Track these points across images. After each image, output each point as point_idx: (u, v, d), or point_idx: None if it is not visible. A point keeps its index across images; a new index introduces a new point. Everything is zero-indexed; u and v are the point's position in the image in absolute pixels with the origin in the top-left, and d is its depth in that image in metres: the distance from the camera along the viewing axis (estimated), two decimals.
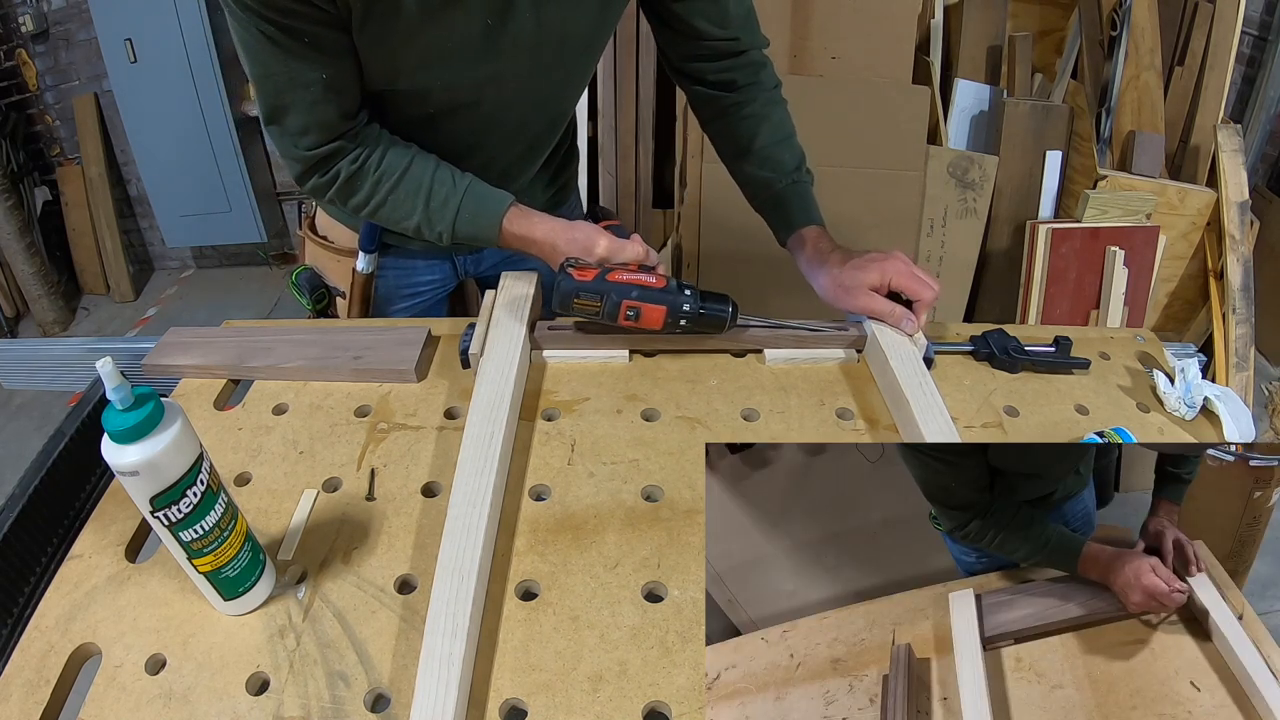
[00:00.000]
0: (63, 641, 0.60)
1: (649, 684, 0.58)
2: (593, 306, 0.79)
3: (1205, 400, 0.86)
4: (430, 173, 0.86)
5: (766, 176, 0.98)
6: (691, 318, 0.81)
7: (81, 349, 1.36)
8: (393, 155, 0.84)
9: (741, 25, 0.94)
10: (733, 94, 0.98)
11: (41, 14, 2.98)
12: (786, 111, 1.00)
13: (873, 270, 0.87)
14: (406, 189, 0.85)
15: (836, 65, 2.05)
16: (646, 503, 0.72)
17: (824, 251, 0.92)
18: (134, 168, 3.19)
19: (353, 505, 0.71)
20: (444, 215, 0.86)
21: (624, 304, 0.78)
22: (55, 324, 3.20)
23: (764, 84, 0.98)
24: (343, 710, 0.56)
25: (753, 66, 0.98)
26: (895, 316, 0.86)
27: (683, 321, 0.81)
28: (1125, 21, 2.03)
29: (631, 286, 0.79)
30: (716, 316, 0.82)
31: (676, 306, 0.80)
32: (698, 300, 0.81)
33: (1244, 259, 2.10)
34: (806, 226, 0.96)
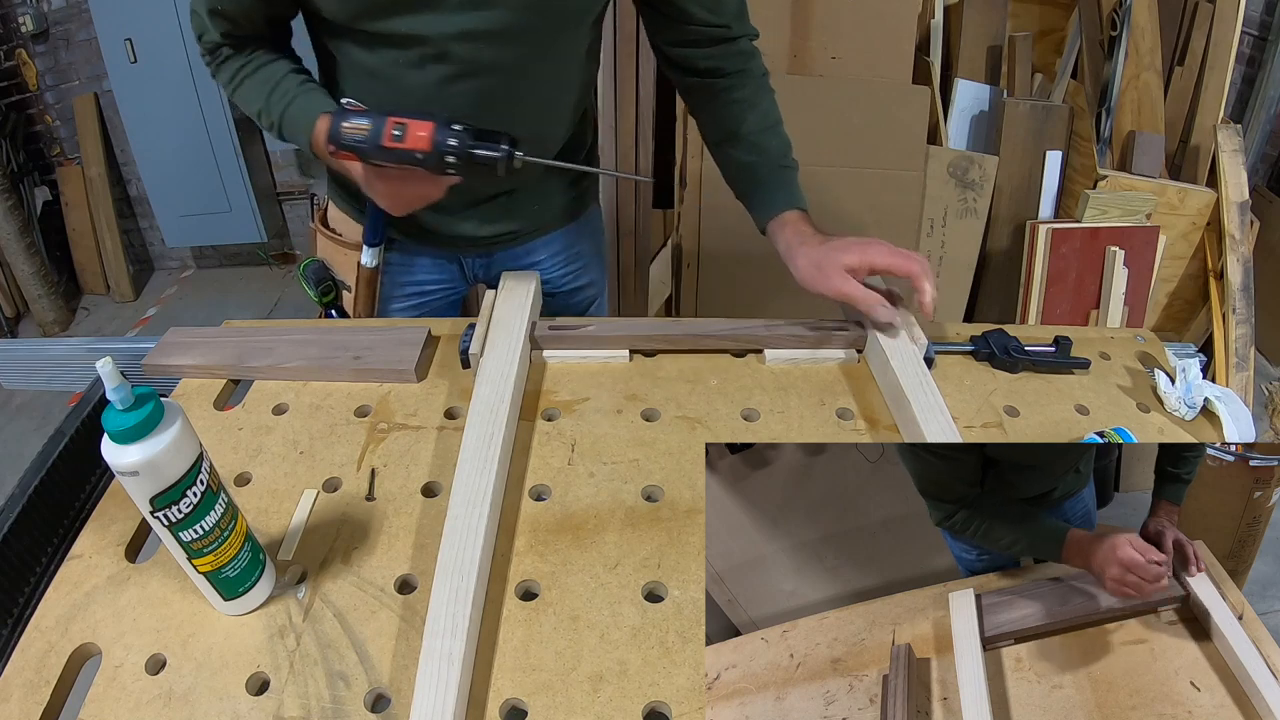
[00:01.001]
0: (63, 641, 0.60)
1: (649, 684, 0.58)
2: (360, 130, 0.75)
3: (1205, 400, 0.86)
4: (285, 71, 0.88)
5: (752, 161, 0.97)
6: (459, 153, 0.75)
7: (81, 349, 1.36)
8: (269, 55, 0.89)
9: (733, 14, 0.94)
10: (721, 80, 0.97)
11: (41, 14, 2.98)
12: (774, 101, 0.99)
13: (851, 251, 0.84)
14: (262, 77, 0.88)
15: (836, 65, 2.05)
16: (646, 503, 0.72)
17: (804, 234, 0.90)
18: (134, 168, 3.19)
19: (353, 505, 0.71)
20: (278, 107, 0.87)
21: (390, 120, 0.74)
22: (55, 324, 3.20)
23: (753, 72, 0.98)
24: (343, 710, 0.56)
25: (742, 55, 0.97)
26: (869, 301, 0.84)
27: (450, 159, 0.75)
28: (1125, 21, 2.03)
29: (396, 112, 0.76)
30: (487, 153, 0.75)
31: (443, 139, 0.74)
32: (470, 135, 0.75)
33: (1244, 259, 2.10)
34: (789, 210, 0.94)
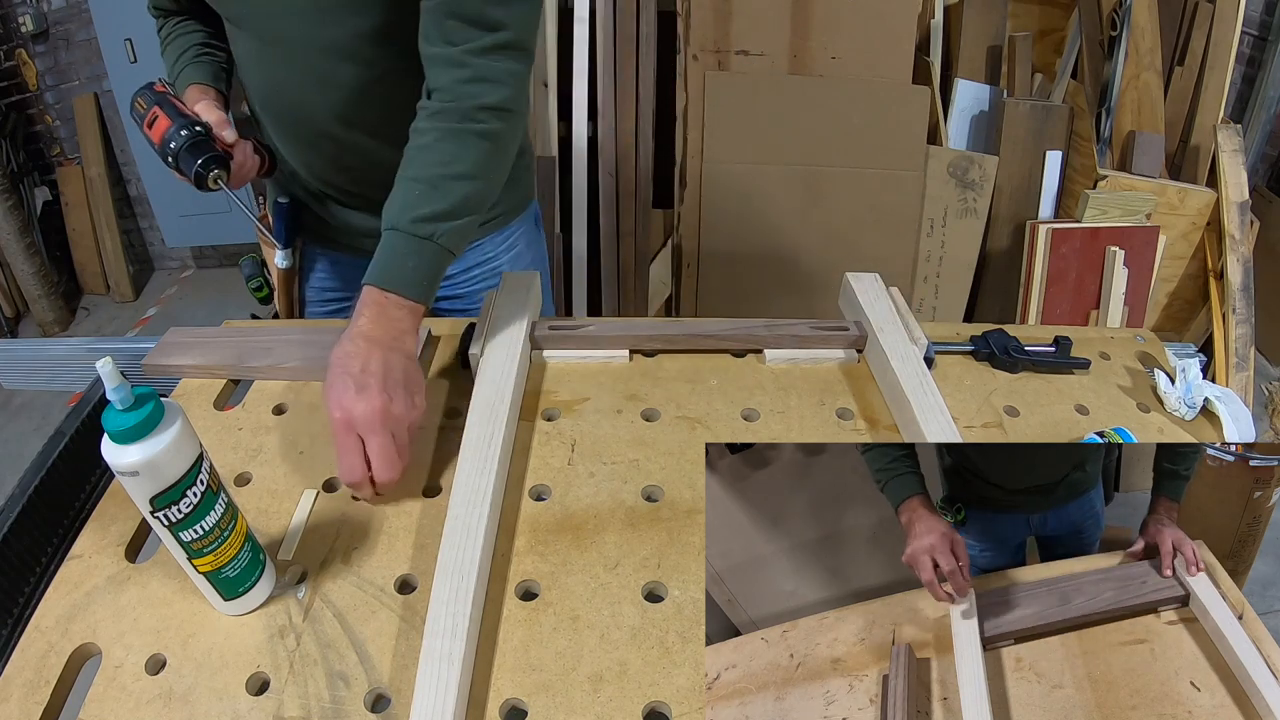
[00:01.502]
0: (63, 641, 0.60)
1: (649, 684, 0.58)
2: (141, 106, 0.89)
3: (1205, 400, 0.86)
4: (192, 43, 0.96)
5: None
6: (175, 157, 0.87)
7: (81, 349, 1.36)
8: (191, 26, 0.98)
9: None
10: None
11: (41, 14, 2.98)
12: (429, 144, 0.78)
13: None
14: (174, 46, 0.98)
15: (836, 65, 2.05)
16: (646, 503, 0.72)
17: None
18: (134, 168, 3.19)
19: (353, 505, 0.71)
20: (173, 75, 0.96)
21: (155, 107, 0.88)
22: (55, 324, 3.20)
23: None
24: (343, 710, 0.56)
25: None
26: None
27: (169, 159, 0.88)
28: (1125, 21, 2.03)
29: (172, 105, 0.88)
30: (187, 169, 0.88)
31: (169, 139, 0.86)
32: (190, 144, 0.86)
33: (1244, 259, 2.10)
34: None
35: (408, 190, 0.76)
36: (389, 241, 0.75)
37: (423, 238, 0.74)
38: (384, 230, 0.75)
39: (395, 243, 0.74)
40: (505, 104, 0.77)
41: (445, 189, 0.75)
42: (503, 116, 0.78)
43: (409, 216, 0.74)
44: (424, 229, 0.74)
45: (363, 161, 0.94)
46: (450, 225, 0.76)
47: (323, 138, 0.93)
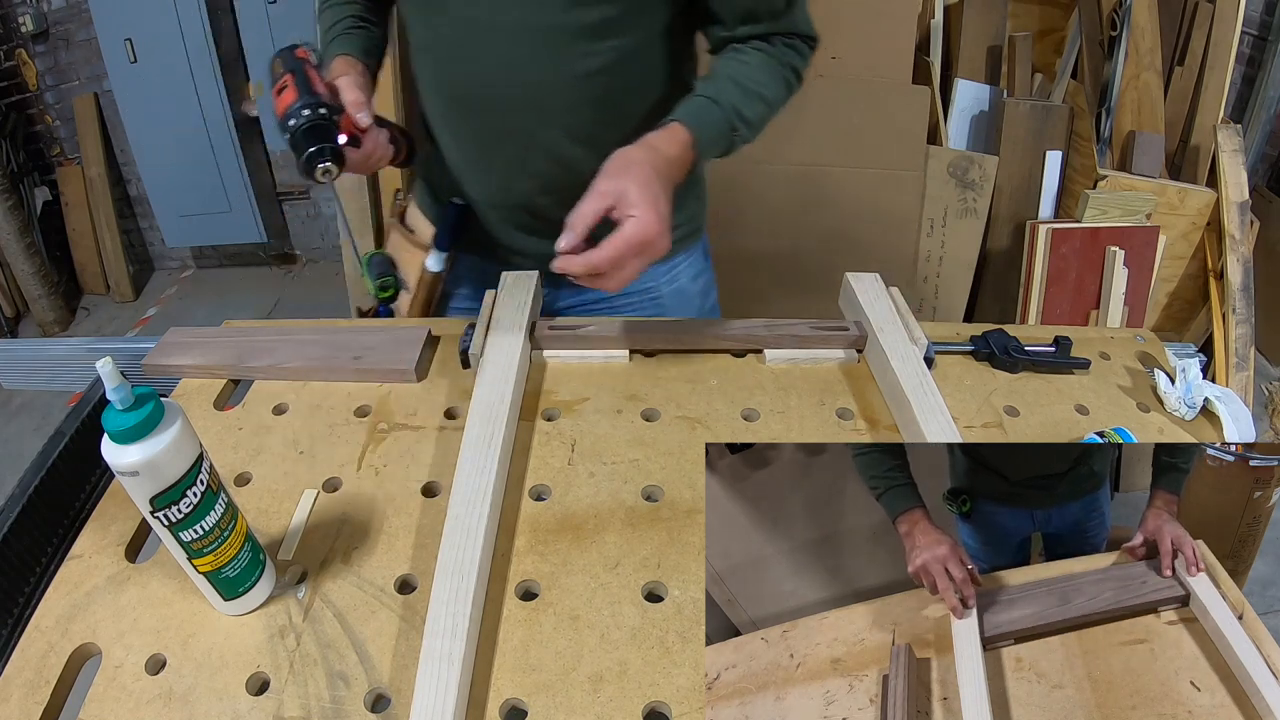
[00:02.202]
0: (63, 641, 0.60)
1: (649, 684, 0.58)
2: (276, 69, 0.81)
3: (1205, 400, 0.86)
4: (343, 15, 0.93)
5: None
6: (293, 136, 0.77)
7: (81, 349, 1.36)
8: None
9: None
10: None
11: (41, 14, 2.98)
12: (769, 72, 0.85)
13: (603, 184, 0.72)
14: (326, 18, 0.94)
15: (836, 65, 2.05)
16: (646, 503, 0.72)
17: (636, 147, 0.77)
18: (134, 168, 3.19)
19: (353, 505, 0.71)
20: (323, 47, 0.92)
21: (286, 76, 0.78)
22: (55, 324, 3.20)
23: (777, 48, 0.87)
24: (343, 710, 0.56)
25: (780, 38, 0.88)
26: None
27: (286, 136, 0.77)
28: (1125, 21, 2.03)
29: (306, 77, 0.78)
30: (301, 151, 0.77)
31: (297, 110, 0.76)
32: (310, 126, 0.76)
33: (1244, 259, 2.10)
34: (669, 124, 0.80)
35: (723, 85, 0.82)
36: (712, 116, 0.80)
37: (728, 133, 0.82)
38: (700, 96, 0.81)
39: (715, 119, 0.80)
40: (800, 76, 0.89)
41: (751, 102, 0.83)
42: (793, 89, 0.89)
43: (730, 101, 0.81)
44: (733, 118, 0.81)
45: (553, 167, 0.90)
46: (743, 134, 0.83)
47: (511, 137, 0.89)
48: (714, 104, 0.80)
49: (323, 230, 3.44)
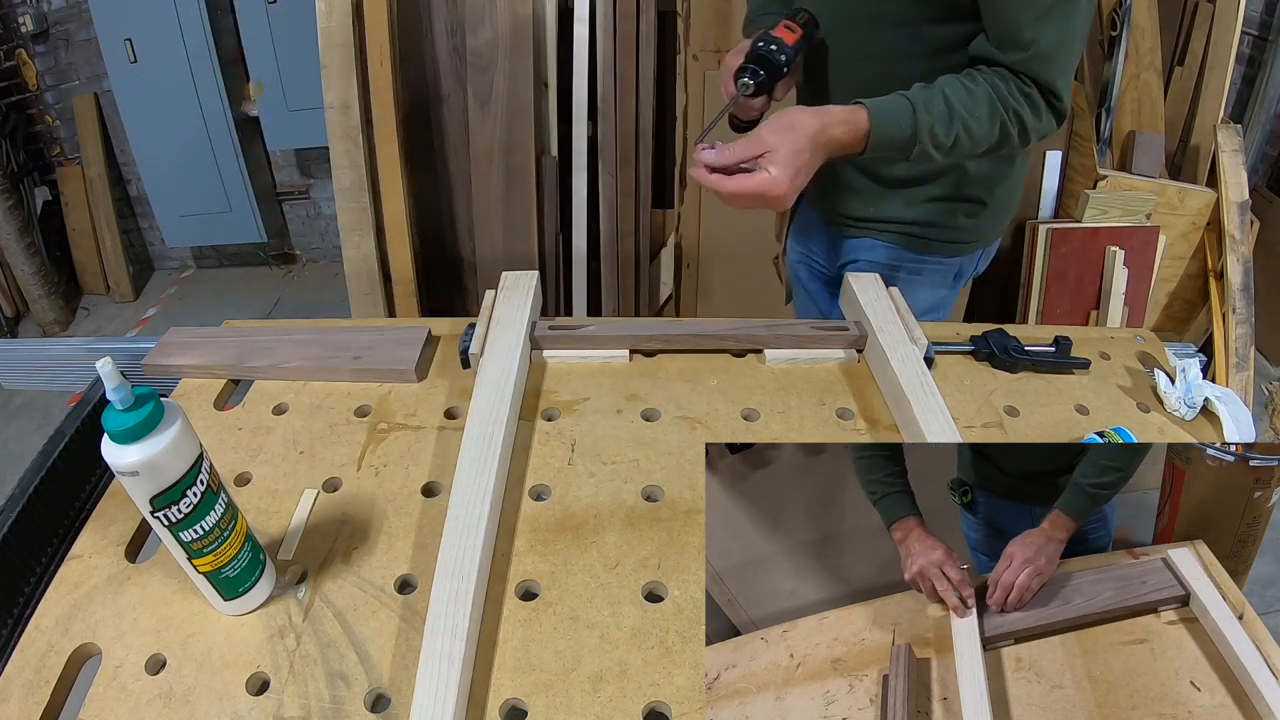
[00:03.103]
0: (63, 641, 0.60)
1: (649, 684, 0.58)
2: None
3: (1205, 400, 0.86)
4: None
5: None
6: (752, 74, 0.89)
7: (81, 349, 1.36)
8: None
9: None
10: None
11: (41, 14, 2.98)
12: (988, 106, 0.84)
13: (764, 134, 0.79)
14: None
15: None
16: (646, 503, 0.72)
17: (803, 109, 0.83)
18: (134, 168, 3.18)
19: (353, 505, 0.71)
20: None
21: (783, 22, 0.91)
22: (55, 324, 3.20)
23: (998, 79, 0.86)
24: (343, 710, 0.56)
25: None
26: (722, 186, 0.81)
27: (746, 78, 0.89)
28: (1125, 21, 2.03)
29: (784, 25, 0.92)
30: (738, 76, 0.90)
31: (763, 35, 0.90)
32: (755, 52, 0.89)
33: (1244, 259, 2.10)
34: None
35: (932, 96, 0.83)
36: (899, 113, 0.82)
37: (912, 139, 0.82)
38: (904, 96, 0.83)
39: (902, 119, 0.82)
40: (1026, 129, 0.86)
41: (952, 126, 0.83)
42: (1012, 138, 0.86)
43: (929, 115, 0.82)
44: (922, 132, 0.82)
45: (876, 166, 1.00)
46: (928, 149, 0.84)
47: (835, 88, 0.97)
48: (911, 110, 0.82)
49: (323, 230, 3.44)
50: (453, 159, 2.14)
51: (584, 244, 2.21)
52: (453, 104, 2.08)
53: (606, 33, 2.01)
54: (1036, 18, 0.80)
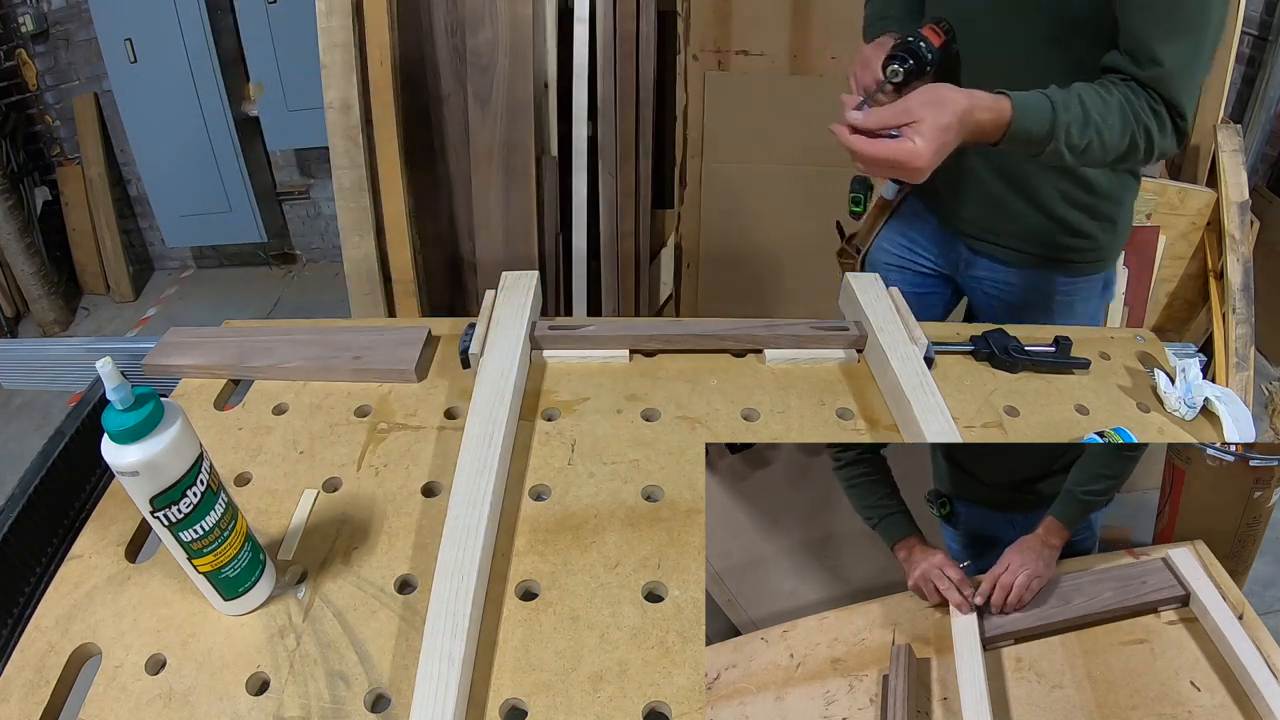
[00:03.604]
0: (63, 641, 0.60)
1: (649, 684, 0.58)
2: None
3: (1205, 400, 0.86)
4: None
5: None
6: (901, 61, 0.92)
7: (81, 349, 1.36)
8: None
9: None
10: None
11: (41, 14, 2.98)
12: (1121, 116, 0.84)
13: (913, 105, 0.80)
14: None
15: (836, 65, 2.05)
16: (646, 503, 0.72)
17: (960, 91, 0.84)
18: (134, 168, 3.18)
19: (353, 505, 0.71)
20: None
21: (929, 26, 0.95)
22: (55, 324, 3.20)
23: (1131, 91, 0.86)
24: (343, 710, 0.56)
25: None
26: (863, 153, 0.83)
27: (896, 65, 0.92)
28: None
29: (927, 30, 0.95)
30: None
31: (911, 32, 0.93)
32: (902, 44, 0.93)
33: (1244, 259, 2.10)
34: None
35: (1070, 97, 0.82)
36: (1040, 109, 0.81)
37: (1048, 135, 0.81)
38: (1044, 94, 0.82)
39: (1042, 114, 0.81)
40: (1152, 144, 0.85)
41: (1087, 129, 0.82)
42: (1139, 151, 0.85)
43: (1067, 115, 0.81)
44: (1059, 129, 0.81)
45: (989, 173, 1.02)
46: (1060, 149, 0.82)
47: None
48: (1050, 107, 0.82)
49: (323, 230, 3.44)
50: (453, 159, 2.14)
51: (584, 244, 2.21)
52: (453, 104, 2.08)
53: (606, 33, 2.01)
54: (1168, 35, 0.82)
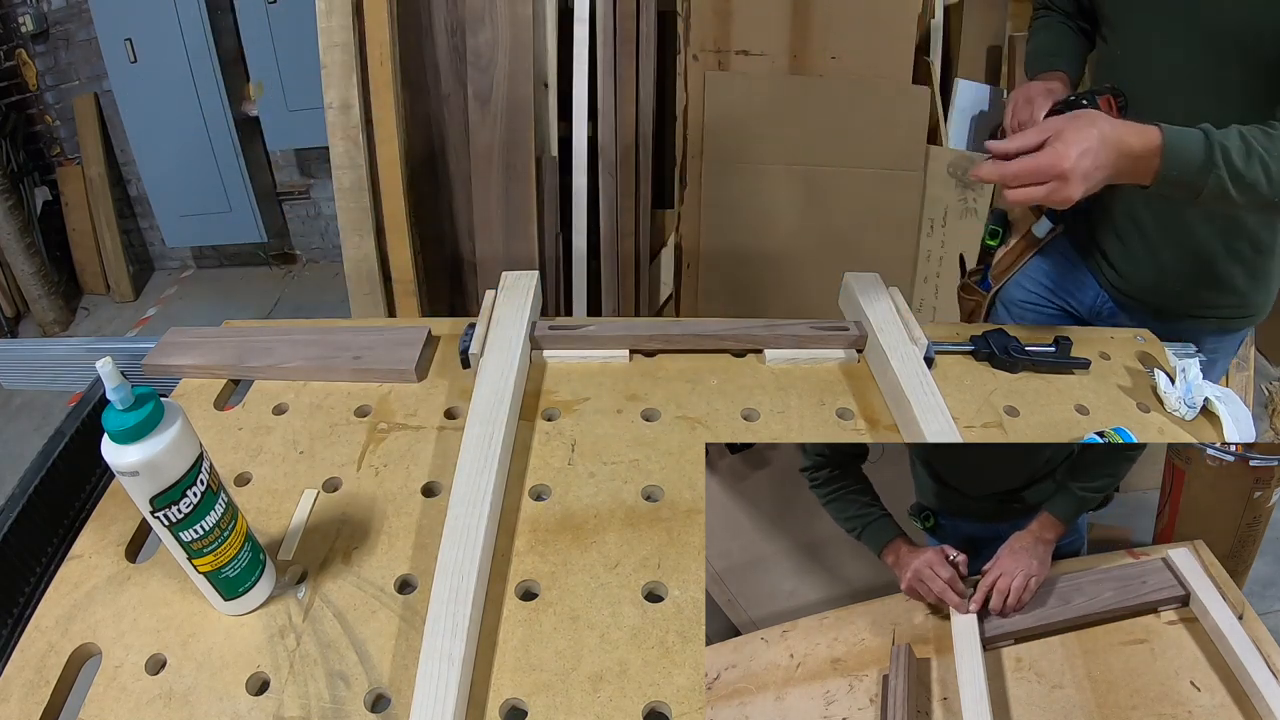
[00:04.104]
0: (63, 641, 0.60)
1: (649, 684, 0.58)
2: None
3: (1205, 400, 0.86)
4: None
5: None
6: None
7: (81, 349, 1.35)
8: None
9: None
10: None
11: (41, 14, 2.98)
12: (1276, 138, 0.79)
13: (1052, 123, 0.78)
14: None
15: (836, 65, 2.05)
16: (646, 503, 0.72)
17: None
18: (134, 168, 3.18)
19: (353, 505, 0.71)
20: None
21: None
22: (55, 324, 3.20)
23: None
24: (343, 710, 0.56)
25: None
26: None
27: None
28: None
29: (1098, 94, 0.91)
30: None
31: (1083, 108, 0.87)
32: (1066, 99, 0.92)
33: None
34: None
35: (1229, 131, 0.78)
36: (1193, 135, 0.77)
37: (1207, 162, 0.76)
38: (1195, 128, 0.78)
39: (1196, 141, 0.77)
40: None
41: (1250, 158, 0.77)
42: None
43: (1225, 142, 0.76)
44: (1216, 153, 0.76)
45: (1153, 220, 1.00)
46: (1223, 180, 0.77)
47: None
48: (1204, 135, 0.78)
49: (323, 230, 3.44)
50: (453, 159, 2.14)
51: (584, 244, 2.21)
52: (453, 104, 2.08)
53: (606, 33, 2.01)
54: None
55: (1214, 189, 0.77)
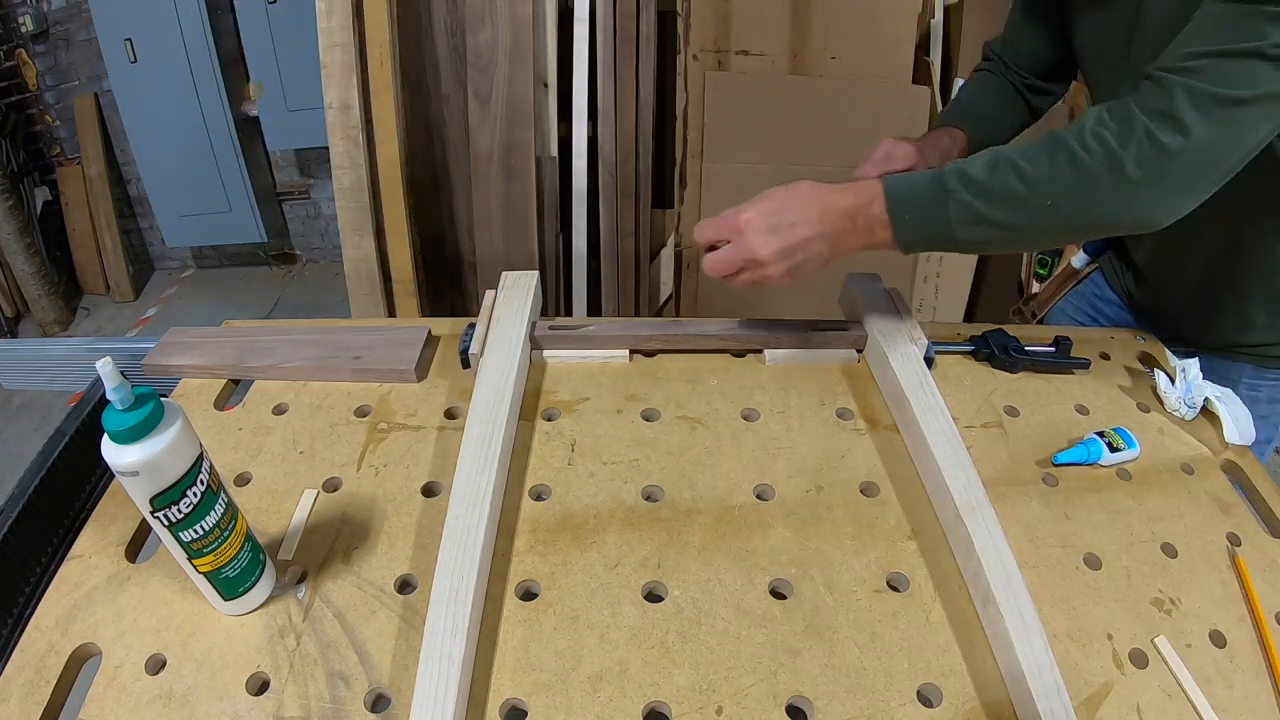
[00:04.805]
0: (63, 641, 0.60)
1: (649, 684, 0.58)
2: None
3: (1205, 400, 0.86)
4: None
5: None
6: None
7: (81, 349, 1.35)
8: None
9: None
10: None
11: (41, 14, 2.98)
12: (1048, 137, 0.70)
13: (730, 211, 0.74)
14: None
15: (836, 65, 2.05)
16: (646, 503, 0.72)
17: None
18: (134, 168, 3.19)
19: (353, 505, 0.71)
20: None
21: None
22: (55, 324, 3.20)
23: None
24: (343, 710, 0.56)
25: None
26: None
27: None
28: None
29: None
30: None
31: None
32: None
33: None
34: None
35: (981, 154, 0.70)
36: (920, 173, 0.71)
37: (938, 192, 0.69)
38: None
39: (921, 176, 0.71)
40: (1124, 154, 0.64)
41: (995, 173, 0.67)
42: (1113, 162, 0.64)
43: (973, 158, 0.69)
44: (949, 181, 0.68)
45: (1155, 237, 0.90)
46: (971, 201, 0.67)
47: None
48: (933, 170, 0.71)
49: (323, 230, 3.45)
50: (453, 159, 2.14)
51: (584, 244, 2.21)
52: (453, 104, 2.08)
53: (606, 33, 2.01)
54: None
55: (962, 216, 0.68)
